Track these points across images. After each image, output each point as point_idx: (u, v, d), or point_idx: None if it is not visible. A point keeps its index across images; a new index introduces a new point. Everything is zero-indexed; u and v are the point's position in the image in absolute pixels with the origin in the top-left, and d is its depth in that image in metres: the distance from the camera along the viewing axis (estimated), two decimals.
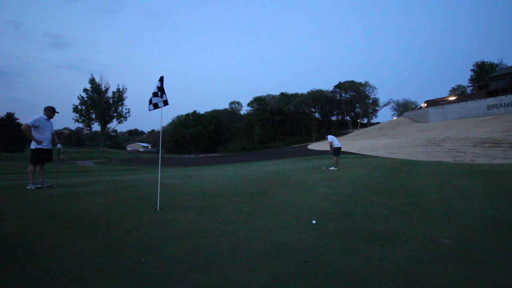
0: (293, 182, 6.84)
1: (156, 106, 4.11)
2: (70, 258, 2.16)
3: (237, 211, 3.77)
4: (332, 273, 1.99)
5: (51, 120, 5.54)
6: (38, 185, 5.33)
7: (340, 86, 75.48)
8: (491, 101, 42.45)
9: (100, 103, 64.62)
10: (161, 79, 4.13)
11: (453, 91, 69.61)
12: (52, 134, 5.57)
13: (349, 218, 3.44)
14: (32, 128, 5.17)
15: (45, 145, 5.32)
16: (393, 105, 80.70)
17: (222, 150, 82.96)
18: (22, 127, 5.23)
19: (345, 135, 58.01)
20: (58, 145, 5.90)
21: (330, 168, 10.47)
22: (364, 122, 78.57)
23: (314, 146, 49.35)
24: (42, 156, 5.34)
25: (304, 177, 7.96)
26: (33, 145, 5.23)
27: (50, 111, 5.44)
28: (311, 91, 77.89)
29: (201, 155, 69.00)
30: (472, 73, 65.83)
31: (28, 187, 5.23)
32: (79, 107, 63.55)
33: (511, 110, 38.85)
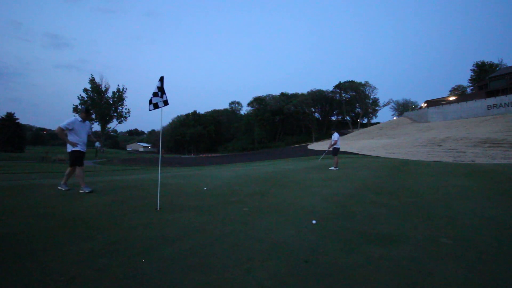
0: (293, 182, 6.84)
1: (156, 106, 4.11)
2: (70, 258, 2.16)
3: (237, 211, 3.77)
4: (332, 273, 1.99)
5: (87, 122, 5.34)
6: (67, 188, 5.13)
7: (340, 86, 75.47)
8: (491, 101, 42.45)
9: (100, 103, 64.61)
10: (161, 79, 4.13)
11: (453, 91, 69.57)
12: (89, 135, 5.40)
13: (349, 218, 3.44)
14: (68, 131, 4.99)
15: (80, 147, 5.12)
16: (393, 105, 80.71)
17: (222, 150, 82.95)
18: (56, 129, 5.02)
19: (345, 135, 57.98)
20: (96, 143, 5.76)
21: (330, 168, 10.47)
22: (364, 122, 78.53)
23: (314, 146, 49.33)
24: (78, 158, 5.12)
25: (304, 177, 7.96)
26: (69, 148, 5.06)
27: (84, 113, 5.25)
28: (311, 91, 77.87)
29: (201, 155, 68.99)
30: (472, 73, 65.85)
31: (58, 187, 5.11)
32: (79, 107, 63.55)
33: (511, 110, 38.85)
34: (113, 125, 70.93)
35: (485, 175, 8.76)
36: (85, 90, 64.07)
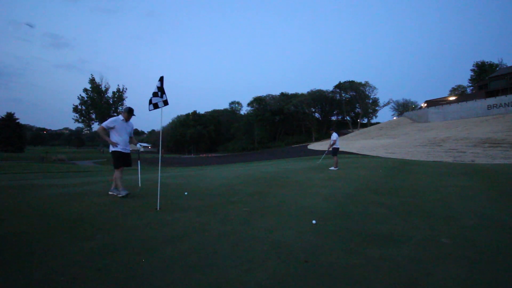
0: (293, 182, 6.84)
1: (156, 106, 4.12)
2: (70, 258, 2.16)
3: (237, 211, 3.77)
4: (332, 273, 1.99)
5: (130, 122, 5.09)
6: (127, 192, 4.77)
7: (340, 86, 75.45)
8: (491, 101, 42.43)
9: (100, 103, 64.57)
10: (161, 79, 4.14)
11: (453, 91, 69.52)
12: (130, 137, 5.13)
13: (349, 218, 3.44)
14: (109, 130, 4.79)
15: (122, 147, 4.87)
16: (393, 105, 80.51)
17: (222, 150, 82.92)
18: (97, 128, 4.80)
19: (345, 135, 57.97)
20: (138, 145, 5.56)
21: (330, 168, 10.47)
22: (364, 122, 78.49)
23: (314, 146, 49.33)
24: (121, 159, 4.89)
25: (304, 177, 7.96)
26: (110, 148, 4.86)
27: (126, 113, 4.99)
28: (311, 91, 77.83)
29: (201, 155, 68.99)
30: (472, 73, 65.82)
31: (117, 195, 4.73)
32: (79, 107, 63.52)
33: (511, 110, 38.84)
34: None
35: (485, 175, 8.76)
36: (85, 90, 64.02)
